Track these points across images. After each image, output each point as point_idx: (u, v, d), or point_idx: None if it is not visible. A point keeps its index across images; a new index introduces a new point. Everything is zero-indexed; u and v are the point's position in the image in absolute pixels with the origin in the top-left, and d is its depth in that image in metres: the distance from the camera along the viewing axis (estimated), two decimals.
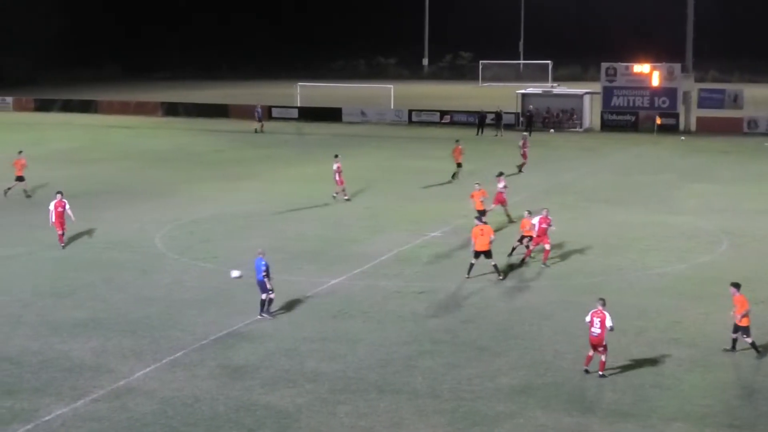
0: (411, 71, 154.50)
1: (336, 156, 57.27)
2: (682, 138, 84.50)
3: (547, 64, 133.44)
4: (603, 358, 28.60)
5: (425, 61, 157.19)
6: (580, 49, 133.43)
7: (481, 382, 29.20)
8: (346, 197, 56.13)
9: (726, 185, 61.56)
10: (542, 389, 28.41)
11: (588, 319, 28.64)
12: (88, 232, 48.53)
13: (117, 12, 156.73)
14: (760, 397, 28.09)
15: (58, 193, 44.96)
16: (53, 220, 44.55)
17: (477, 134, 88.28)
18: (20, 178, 57.89)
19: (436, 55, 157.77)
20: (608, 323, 28.20)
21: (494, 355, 31.59)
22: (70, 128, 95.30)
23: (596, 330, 28.28)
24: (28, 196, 57.22)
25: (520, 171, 66.76)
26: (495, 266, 39.75)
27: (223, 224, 50.89)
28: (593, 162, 71.98)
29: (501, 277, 39.75)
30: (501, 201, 50.67)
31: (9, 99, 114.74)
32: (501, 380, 29.37)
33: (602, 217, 52.99)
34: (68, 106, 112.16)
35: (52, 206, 44.78)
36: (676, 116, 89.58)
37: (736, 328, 31.25)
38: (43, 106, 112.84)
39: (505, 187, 51.37)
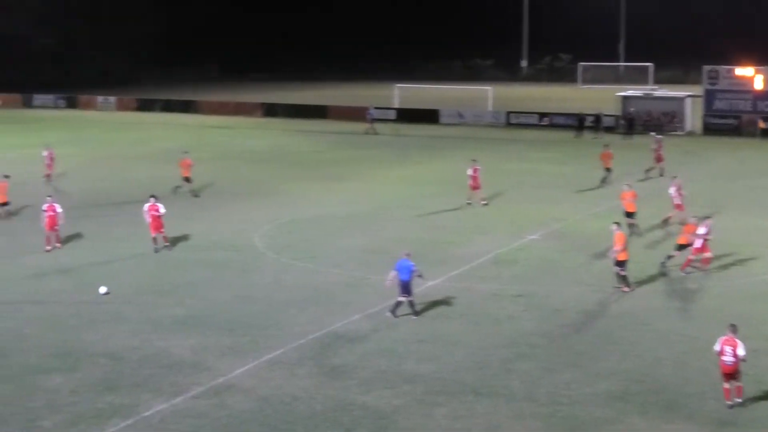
0: (508, 73, 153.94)
1: (474, 161, 56.82)
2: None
3: (648, 66, 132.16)
4: (739, 383, 26.51)
5: (523, 63, 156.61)
6: (682, 51, 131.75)
7: (578, 387, 28.99)
8: (484, 202, 55.53)
9: None
10: (641, 395, 28.08)
11: (718, 347, 26.30)
12: (189, 232, 48.99)
13: (219, 10, 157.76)
14: None
15: (152, 197, 44.98)
16: (149, 221, 44.64)
17: (575, 136, 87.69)
18: (187, 179, 58.01)
19: (534, 57, 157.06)
20: (740, 352, 25.88)
21: (592, 360, 31.34)
22: (171, 128, 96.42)
23: (729, 359, 25.96)
24: (196, 196, 57.80)
25: (647, 176, 64.90)
26: (624, 276, 38.43)
27: (322, 224, 51.12)
28: (696, 167, 70.96)
29: (628, 289, 38.22)
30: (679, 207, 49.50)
31: (112, 98, 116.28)
32: (599, 385, 29.11)
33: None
34: (169, 106, 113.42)
35: (145, 208, 44.97)
36: None
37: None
38: (145, 106, 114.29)
39: (679, 191, 50.05)
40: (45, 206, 44.46)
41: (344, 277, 40.66)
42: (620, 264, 37.37)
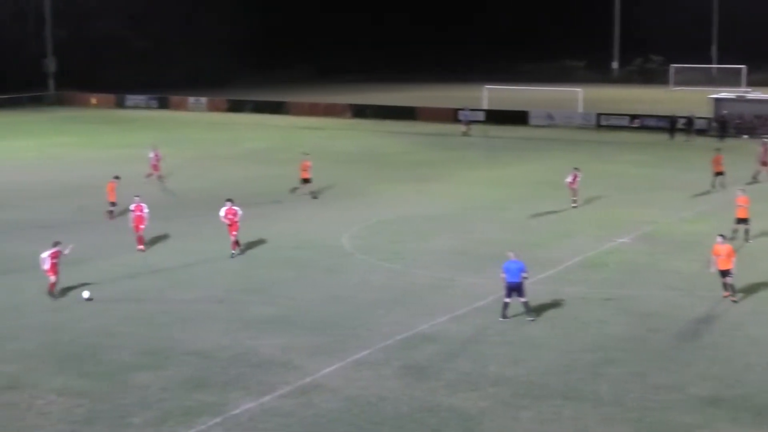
0: (599, 74, 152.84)
1: (576, 169, 56.32)
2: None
3: (741, 68, 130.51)
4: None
5: (614, 65, 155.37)
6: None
7: (667, 392, 28.72)
8: (574, 205, 55.18)
9: None
10: (731, 401, 27.75)
11: None
12: (279, 231, 49.39)
13: (310, 13, 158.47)
14: None
15: (228, 200, 44.72)
16: (226, 223, 44.25)
17: (669, 138, 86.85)
18: (306, 180, 57.99)
19: (625, 59, 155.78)
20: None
21: (682, 365, 31.04)
22: (262, 129, 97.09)
23: None
24: (315, 198, 57.99)
25: (755, 180, 63.74)
26: (731, 286, 37.17)
27: (410, 225, 51.16)
28: None
29: (735, 299, 37.09)
30: None
31: (203, 99, 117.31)
32: (688, 391, 28.80)
33: None
34: (260, 107, 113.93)
35: (222, 212, 44.78)
36: None
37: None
38: (236, 107, 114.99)
39: None
40: (132, 206, 45.15)
41: (431, 278, 40.68)
42: (724, 273, 36.45)
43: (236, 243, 43.95)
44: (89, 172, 68.87)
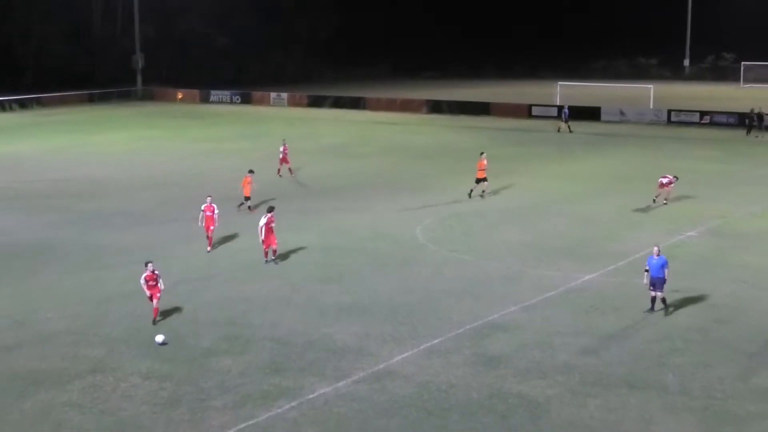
0: (672, 72, 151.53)
1: (675, 177, 54.95)
2: None
3: None
4: None
5: (686, 62, 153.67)
6: None
7: (732, 382, 28.57)
8: (664, 202, 54.27)
9: None
10: None
11: None
12: (356, 223, 49.74)
13: (387, 12, 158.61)
14: None
15: (271, 208, 42.46)
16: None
17: (746, 134, 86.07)
18: (483, 179, 56.61)
19: (697, 56, 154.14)
20: None
21: (747, 356, 30.86)
22: (340, 124, 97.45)
23: None
24: (481, 196, 56.56)
25: None
26: None
27: (482, 218, 51.21)
28: None
29: None
30: None
31: (284, 95, 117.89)
32: (754, 381, 28.67)
33: None
34: (339, 103, 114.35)
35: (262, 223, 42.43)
36: None
37: None
38: (316, 102, 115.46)
39: None
40: (203, 206, 44.29)
41: (502, 269, 40.71)
42: None
43: (274, 251, 41.74)
44: (175, 164, 69.73)
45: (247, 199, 52.36)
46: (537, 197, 56.97)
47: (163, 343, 30.61)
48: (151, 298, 33.45)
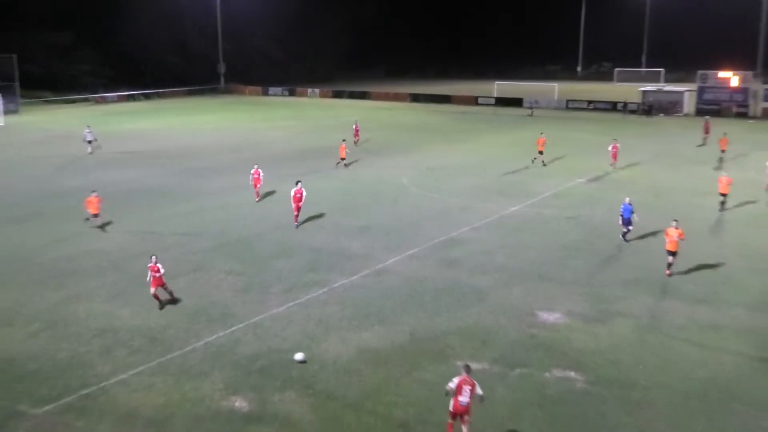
0: (569, 74, 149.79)
1: (615, 139, 53.62)
2: (751, 122, 79.67)
3: (660, 71, 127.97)
4: (465, 428, 17.07)
5: (579, 68, 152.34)
6: (684, 60, 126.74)
7: (606, 276, 28.88)
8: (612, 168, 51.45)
9: None
10: (647, 282, 27.97)
11: (453, 385, 16.88)
12: (364, 174, 49.69)
13: (382, 32, 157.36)
14: None
15: (298, 182, 37.00)
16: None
17: (622, 118, 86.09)
18: (541, 153, 52.95)
19: (586, 64, 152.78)
20: (478, 391, 16.90)
21: (615, 260, 31.12)
22: (353, 108, 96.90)
23: (465, 399, 16.79)
24: (544, 165, 52.63)
25: (704, 143, 62.71)
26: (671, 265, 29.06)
27: (446, 170, 51.09)
28: (689, 135, 68.91)
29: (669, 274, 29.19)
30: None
31: (316, 90, 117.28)
32: (620, 275, 28.92)
33: (689, 170, 50.71)
34: (352, 95, 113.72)
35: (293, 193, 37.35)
36: (747, 107, 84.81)
37: None
38: (337, 95, 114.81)
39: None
40: (252, 170, 41.84)
41: (459, 203, 40.85)
42: (671, 254, 28.95)
43: (296, 217, 36.36)
44: (246, 136, 69.64)
45: (343, 159, 51.94)
46: (481, 157, 56.87)
47: (302, 361, 21.25)
48: (157, 284, 25.49)
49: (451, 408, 17.17)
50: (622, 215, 33.53)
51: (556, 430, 18.45)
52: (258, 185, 41.59)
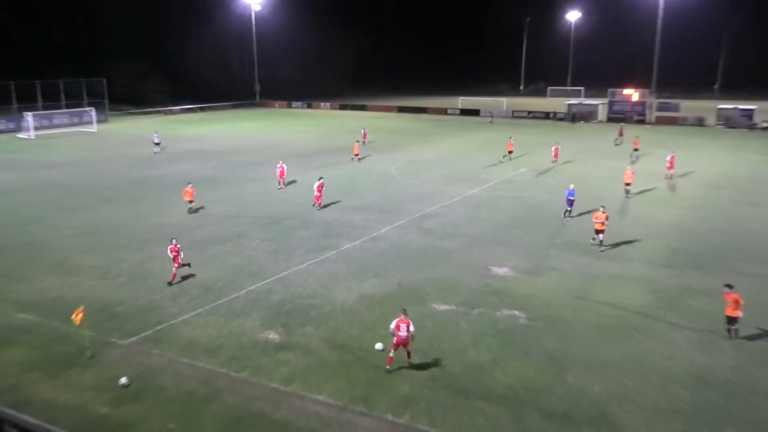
0: (514, 91, 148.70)
1: (557, 142, 53.27)
2: (647, 126, 79.22)
3: (581, 88, 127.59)
4: (409, 352, 17.55)
5: (521, 87, 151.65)
6: (598, 80, 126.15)
7: (540, 240, 28.76)
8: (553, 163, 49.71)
9: (677, 149, 57.75)
10: (566, 244, 27.88)
11: (393, 326, 17.22)
12: (362, 166, 49.24)
13: (378, 60, 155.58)
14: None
15: (320, 178, 36.20)
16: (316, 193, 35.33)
17: (572, 123, 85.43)
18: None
19: (527, 83, 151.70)
20: (411, 328, 17.11)
21: (549, 228, 30.96)
22: (355, 118, 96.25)
23: (404, 333, 17.06)
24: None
25: (617, 144, 61.07)
26: (601, 241, 27.59)
27: (424, 163, 50.76)
28: (603, 137, 68.70)
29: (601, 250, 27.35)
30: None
31: (328, 104, 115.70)
32: (552, 240, 28.82)
33: (604, 163, 50.44)
34: (355, 107, 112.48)
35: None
36: (644, 115, 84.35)
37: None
38: (343, 107, 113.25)
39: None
40: (278, 165, 40.99)
41: (433, 188, 40.66)
42: (598, 232, 27.52)
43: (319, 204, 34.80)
44: (275, 137, 69.08)
45: (356, 155, 51.39)
46: (450, 153, 56.49)
47: (381, 350, 17.97)
48: (174, 263, 23.41)
49: (394, 341, 17.29)
50: (567, 197, 32.65)
51: (506, 354, 18.59)
52: (282, 177, 40.46)
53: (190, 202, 34.30)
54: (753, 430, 15.04)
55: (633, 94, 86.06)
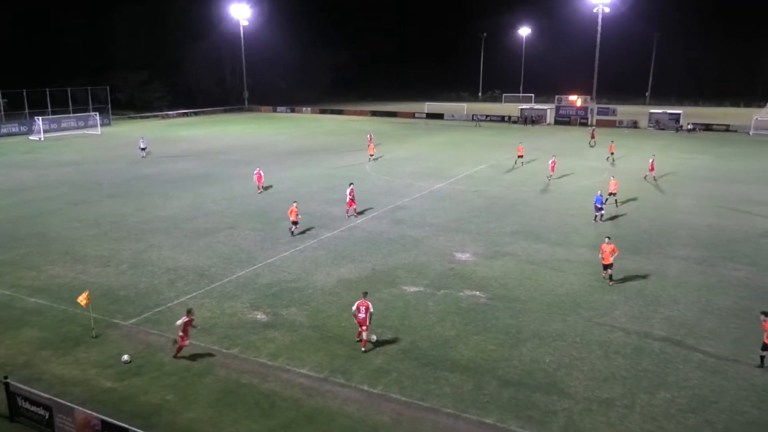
0: (474, 97, 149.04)
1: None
2: (589, 127, 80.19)
3: (532, 95, 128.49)
4: (365, 333, 16.97)
5: (480, 93, 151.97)
6: (546, 87, 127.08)
7: (497, 228, 28.76)
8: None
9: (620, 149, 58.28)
10: (531, 232, 27.84)
11: (354, 308, 16.98)
12: (338, 164, 48.74)
13: (356, 72, 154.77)
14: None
15: (351, 183, 32.22)
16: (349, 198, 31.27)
17: (524, 125, 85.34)
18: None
19: (485, 90, 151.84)
20: (371, 309, 16.89)
21: (504, 216, 30.90)
22: (334, 121, 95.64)
23: (362, 315, 16.83)
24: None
25: (591, 146, 58.21)
26: (611, 275, 21.94)
27: (396, 161, 50.37)
28: (550, 137, 69.19)
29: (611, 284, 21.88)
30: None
31: (309, 108, 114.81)
32: (506, 228, 28.77)
33: (559, 161, 50.11)
34: (333, 112, 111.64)
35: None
36: (587, 119, 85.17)
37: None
38: (322, 111, 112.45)
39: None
40: (255, 171, 38.39)
41: (403, 183, 40.46)
42: (606, 267, 21.81)
43: (355, 210, 31.12)
44: (261, 139, 68.17)
45: (372, 155, 50.21)
46: (418, 152, 56.23)
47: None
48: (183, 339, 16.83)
49: (356, 321, 17.17)
50: (595, 203, 29.99)
51: (468, 329, 18.54)
52: (260, 182, 37.32)
53: (295, 222, 27.37)
54: (685, 395, 15.19)
55: (577, 100, 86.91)
